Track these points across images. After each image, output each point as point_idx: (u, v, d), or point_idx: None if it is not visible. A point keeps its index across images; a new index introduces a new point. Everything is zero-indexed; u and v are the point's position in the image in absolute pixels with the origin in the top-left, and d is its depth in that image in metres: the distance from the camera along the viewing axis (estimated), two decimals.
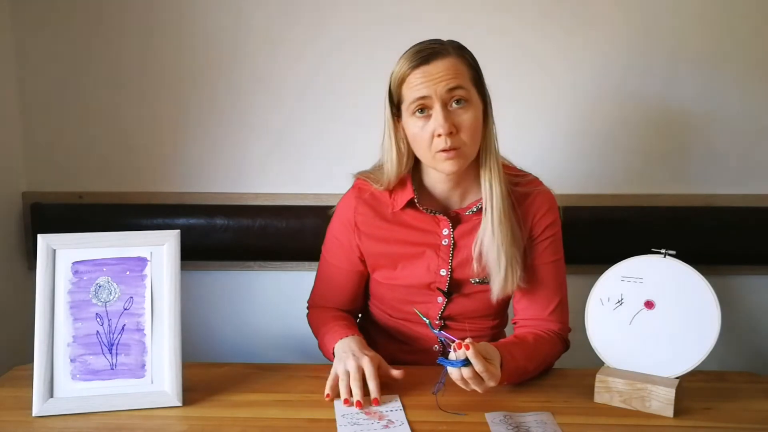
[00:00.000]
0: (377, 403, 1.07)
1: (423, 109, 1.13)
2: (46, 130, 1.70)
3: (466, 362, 1.00)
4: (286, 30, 1.64)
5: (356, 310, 1.38)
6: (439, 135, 1.12)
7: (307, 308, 1.38)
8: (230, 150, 1.70)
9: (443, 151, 1.13)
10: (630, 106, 1.65)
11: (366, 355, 1.13)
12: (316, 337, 1.30)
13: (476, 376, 1.01)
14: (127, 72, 1.67)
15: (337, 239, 1.30)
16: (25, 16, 1.65)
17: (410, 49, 1.16)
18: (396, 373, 1.14)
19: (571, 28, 1.61)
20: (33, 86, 1.68)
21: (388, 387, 1.12)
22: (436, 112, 1.12)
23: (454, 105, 1.12)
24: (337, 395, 1.09)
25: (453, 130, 1.12)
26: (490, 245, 1.17)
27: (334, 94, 1.67)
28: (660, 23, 1.60)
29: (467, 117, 1.13)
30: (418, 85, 1.12)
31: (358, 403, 1.06)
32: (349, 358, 1.13)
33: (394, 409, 1.06)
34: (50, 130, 1.70)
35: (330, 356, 1.21)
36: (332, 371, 1.14)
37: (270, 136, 1.69)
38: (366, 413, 1.04)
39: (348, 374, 1.10)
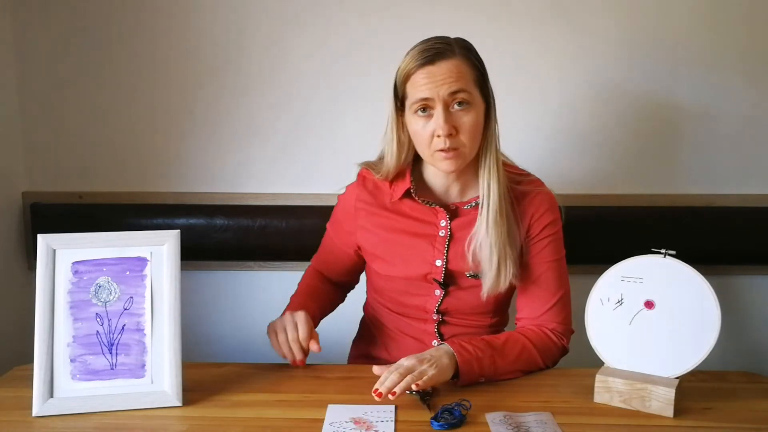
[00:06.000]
0: (303, 363, 1.20)
1: (425, 108, 1.15)
2: (46, 130, 1.70)
3: (452, 424, 1.00)
4: (286, 29, 1.64)
5: (349, 284, 1.45)
6: (439, 135, 1.14)
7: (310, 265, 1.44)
8: (230, 150, 1.70)
9: (442, 150, 1.15)
10: (630, 106, 1.65)
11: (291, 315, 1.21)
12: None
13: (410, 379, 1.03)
14: (126, 72, 1.67)
15: (338, 221, 1.35)
16: (25, 16, 1.65)
17: (417, 45, 1.17)
18: (314, 347, 1.18)
19: (573, 29, 1.61)
20: (33, 86, 1.68)
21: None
22: (437, 113, 1.14)
23: (455, 107, 1.14)
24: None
25: (453, 132, 1.14)
26: (483, 243, 1.19)
27: (334, 94, 1.67)
28: (661, 24, 1.61)
29: (468, 119, 1.14)
30: (421, 85, 1.14)
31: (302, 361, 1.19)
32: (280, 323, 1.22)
33: (384, 420, 1.02)
34: (50, 130, 1.70)
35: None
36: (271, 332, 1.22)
37: (270, 136, 1.70)
38: (355, 422, 1.01)
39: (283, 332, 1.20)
